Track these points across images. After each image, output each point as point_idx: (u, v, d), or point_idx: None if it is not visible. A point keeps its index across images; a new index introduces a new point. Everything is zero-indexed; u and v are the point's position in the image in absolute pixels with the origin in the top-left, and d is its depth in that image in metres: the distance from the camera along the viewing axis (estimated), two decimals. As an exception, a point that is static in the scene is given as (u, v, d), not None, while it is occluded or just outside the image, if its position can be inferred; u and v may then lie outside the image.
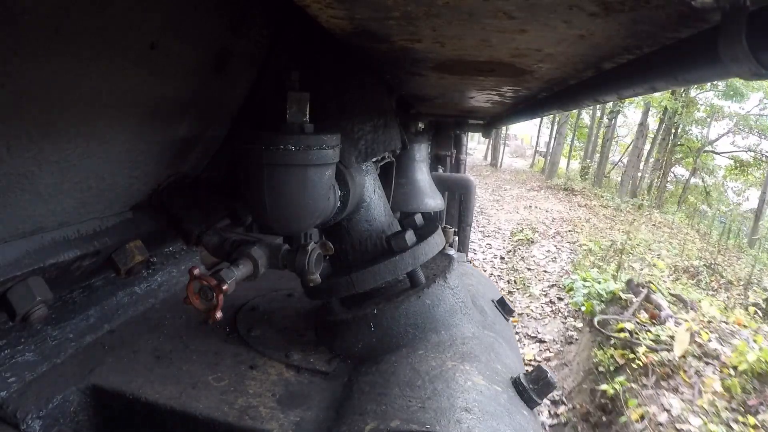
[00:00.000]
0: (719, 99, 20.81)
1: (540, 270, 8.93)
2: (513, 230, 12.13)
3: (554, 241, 11.20)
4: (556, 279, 8.32)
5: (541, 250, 10.29)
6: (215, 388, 1.29)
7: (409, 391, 1.17)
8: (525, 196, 18.50)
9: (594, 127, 27.79)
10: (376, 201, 1.61)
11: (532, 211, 15.29)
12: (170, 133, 1.39)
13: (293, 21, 1.52)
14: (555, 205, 16.77)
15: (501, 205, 16.18)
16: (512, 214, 14.67)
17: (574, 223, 13.41)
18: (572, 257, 9.77)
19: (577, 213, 15.61)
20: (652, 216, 16.43)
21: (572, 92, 1.47)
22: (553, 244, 11.00)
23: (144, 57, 1.07)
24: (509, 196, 18.21)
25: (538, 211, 15.40)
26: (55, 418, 1.22)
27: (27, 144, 0.95)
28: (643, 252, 10.45)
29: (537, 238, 11.20)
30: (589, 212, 15.95)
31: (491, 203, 16.51)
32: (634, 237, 11.39)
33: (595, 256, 9.61)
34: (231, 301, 1.76)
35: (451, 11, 0.79)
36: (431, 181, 3.02)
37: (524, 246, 10.63)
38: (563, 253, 10.16)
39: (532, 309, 7.06)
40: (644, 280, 6.55)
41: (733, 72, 0.65)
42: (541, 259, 9.66)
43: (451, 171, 5.48)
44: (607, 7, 0.71)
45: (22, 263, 1.10)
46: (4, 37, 0.76)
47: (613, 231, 12.85)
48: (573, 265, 8.96)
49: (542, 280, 8.31)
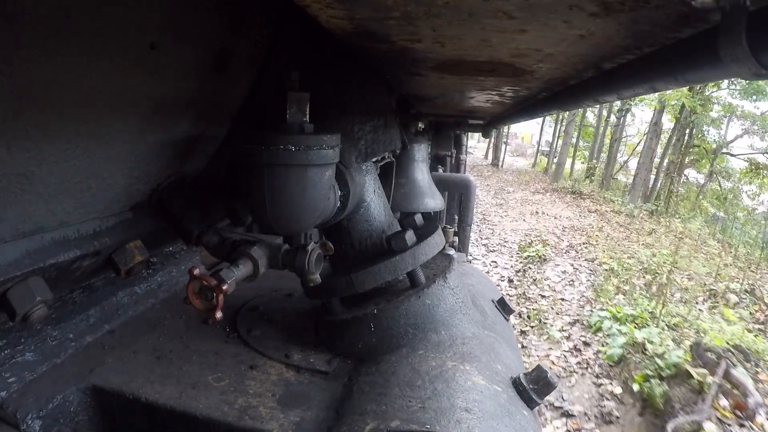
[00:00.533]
0: (734, 98, 19.66)
1: (556, 298, 7.58)
2: (521, 243, 10.91)
3: (569, 258, 9.91)
4: (577, 311, 7.04)
5: (555, 271, 8.94)
6: (215, 388, 1.29)
7: (409, 391, 1.17)
8: (530, 200, 17.51)
9: (600, 126, 26.66)
10: (376, 201, 1.61)
11: (540, 218, 14.14)
12: (170, 133, 1.39)
13: (293, 21, 1.52)
14: (563, 210, 15.71)
15: (505, 211, 15.09)
16: (518, 222, 13.54)
17: (586, 233, 12.27)
18: (592, 279, 8.46)
19: (588, 220, 14.43)
20: (671, 224, 14.97)
21: (572, 92, 1.47)
22: (569, 262, 9.60)
23: (144, 57, 1.07)
24: (513, 200, 17.25)
25: (546, 218, 14.29)
26: (55, 418, 1.22)
27: (27, 144, 0.95)
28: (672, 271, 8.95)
29: (549, 254, 9.89)
30: (600, 219, 14.80)
31: (494, 208, 15.47)
32: (658, 252, 10.24)
33: (618, 278, 8.37)
34: (231, 301, 1.76)
35: (451, 11, 0.78)
36: (431, 181, 3.01)
37: (535, 265, 9.25)
38: (581, 274, 8.78)
39: (553, 360, 5.61)
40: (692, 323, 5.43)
41: (733, 72, 0.65)
42: (557, 282, 8.29)
43: (451, 171, 5.48)
44: (607, 7, 0.71)
45: (22, 263, 1.10)
46: (4, 37, 0.76)
47: (630, 242, 11.72)
48: (595, 290, 7.76)
49: (561, 313, 6.95)
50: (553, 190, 20.28)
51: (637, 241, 11.89)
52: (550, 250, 10.25)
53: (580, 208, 16.42)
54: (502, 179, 23.36)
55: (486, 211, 14.91)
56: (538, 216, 14.54)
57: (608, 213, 15.93)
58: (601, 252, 10.26)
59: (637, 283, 8.28)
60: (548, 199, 18.05)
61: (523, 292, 7.71)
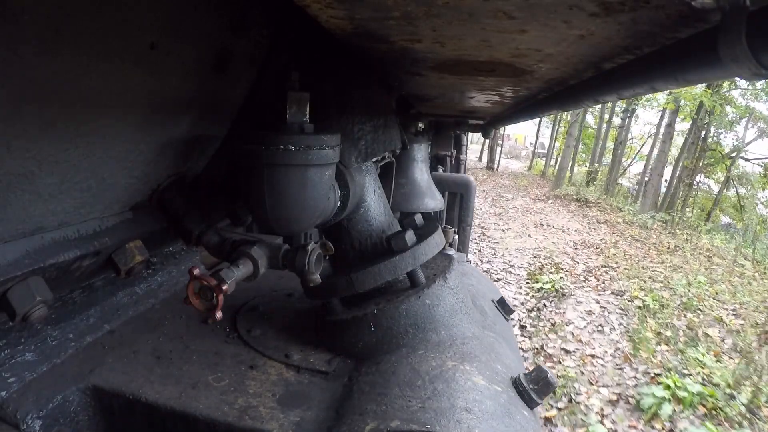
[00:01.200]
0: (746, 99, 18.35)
1: (584, 354, 5.72)
2: (529, 268, 9.08)
3: (591, 291, 7.99)
4: (616, 375, 5.21)
5: (578, 311, 7.07)
6: (215, 388, 1.29)
7: (409, 391, 1.17)
8: (531, 209, 16.06)
9: (602, 128, 25.09)
10: (376, 201, 1.61)
11: (546, 232, 12.53)
12: (170, 133, 1.39)
13: (293, 21, 1.52)
14: (570, 221, 14.15)
15: (506, 223, 13.49)
16: (522, 238, 11.82)
17: (601, 251, 10.76)
18: (625, 323, 6.70)
19: (599, 233, 12.85)
20: (693, 238, 13.06)
21: (572, 92, 1.47)
22: (593, 297, 7.69)
23: (144, 57, 1.07)
24: (513, 209, 15.81)
25: (553, 231, 12.68)
26: (55, 418, 1.22)
27: (27, 144, 0.95)
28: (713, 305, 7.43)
29: (566, 286, 7.95)
30: (612, 232, 13.22)
31: (494, 219, 13.87)
32: (693, 279, 8.63)
33: (656, 319, 6.73)
34: (231, 301, 1.76)
35: (451, 11, 0.78)
36: (431, 181, 3.02)
37: (551, 302, 7.37)
38: (610, 315, 6.99)
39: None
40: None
41: (733, 72, 0.65)
42: (582, 328, 6.45)
43: (451, 171, 5.48)
44: (607, 7, 0.71)
45: (22, 263, 1.10)
46: (4, 37, 0.76)
47: (653, 263, 10.06)
48: (631, 339, 6.12)
49: (596, 383, 5.06)
50: (556, 197, 18.86)
51: (659, 260, 10.36)
52: (565, 277, 8.45)
53: (587, 219, 14.94)
54: (498, 184, 22.01)
55: (485, 223, 13.15)
56: (544, 229, 12.95)
57: (619, 224, 14.41)
58: (625, 277, 8.62)
59: (678, 324, 6.64)
60: (551, 207, 16.70)
61: (542, 346, 5.76)
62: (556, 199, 18.39)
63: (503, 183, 22.71)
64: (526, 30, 0.88)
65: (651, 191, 19.15)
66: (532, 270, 8.99)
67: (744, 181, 21.00)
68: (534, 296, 7.64)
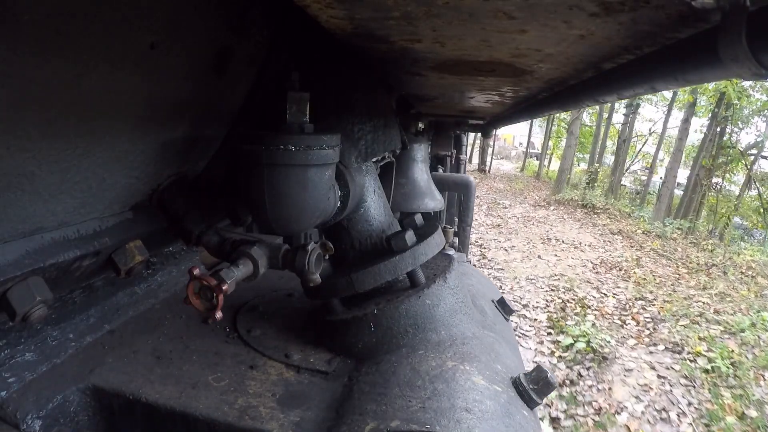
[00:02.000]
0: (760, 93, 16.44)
1: None
2: (548, 309, 6.75)
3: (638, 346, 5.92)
4: None
5: (627, 384, 5.03)
6: (215, 388, 1.29)
7: (409, 391, 1.17)
8: (534, 218, 13.98)
9: (600, 125, 23.44)
10: (376, 201, 1.61)
11: (557, 250, 10.46)
12: (170, 133, 1.39)
13: (293, 21, 1.52)
14: (580, 233, 12.18)
15: (508, 238, 11.27)
16: (531, 259, 9.55)
17: (625, 272, 8.92)
18: (695, 400, 4.86)
19: (616, 247, 11.03)
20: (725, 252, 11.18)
21: (572, 92, 1.48)
22: (644, 358, 5.60)
23: (144, 57, 1.07)
24: (513, 218, 13.73)
25: (564, 248, 10.62)
26: (55, 418, 1.22)
27: (27, 144, 0.95)
28: None
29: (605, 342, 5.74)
30: (630, 245, 11.42)
31: (493, 233, 11.61)
32: (757, 317, 6.80)
33: (731, 389, 5.02)
34: (231, 301, 1.76)
35: (451, 11, 0.79)
36: (431, 181, 3.02)
37: (589, 370, 5.25)
38: (674, 389, 5.02)
39: None
40: None
41: (733, 72, 0.65)
42: (638, 415, 4.55)
43: (451, 171, 5.48)
44: (607, 7, 0.71)
45: (22, 263, 1.10)
46: (4, 37, 0.76)
47: (691, 287, 8.21)
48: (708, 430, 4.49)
49: None
50: (558, 203, 16.98)
51: (697, 284, 8.58)
52: (597, 322, 6.28)
53: (598, 228, 12.96)
54: (492, 188, 19.93)
55: (483, 239, 10.78)
56: (553, 245, 10.83)
57: (636, 234, 12.52)
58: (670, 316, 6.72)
59: (759, 394, 4.94)
60: (555, 215, 14.71)
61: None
62: (559, 205, 16.64)
63: (497, 187, 20.80)
64: (526, 30, 0.88)
65: (666, 194, 17.27)
66: (551, 311, 6.66)
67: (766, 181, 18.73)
68: (562, 358, 5.43)
